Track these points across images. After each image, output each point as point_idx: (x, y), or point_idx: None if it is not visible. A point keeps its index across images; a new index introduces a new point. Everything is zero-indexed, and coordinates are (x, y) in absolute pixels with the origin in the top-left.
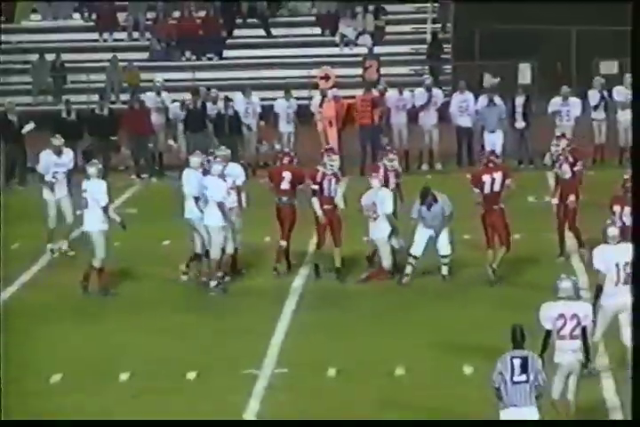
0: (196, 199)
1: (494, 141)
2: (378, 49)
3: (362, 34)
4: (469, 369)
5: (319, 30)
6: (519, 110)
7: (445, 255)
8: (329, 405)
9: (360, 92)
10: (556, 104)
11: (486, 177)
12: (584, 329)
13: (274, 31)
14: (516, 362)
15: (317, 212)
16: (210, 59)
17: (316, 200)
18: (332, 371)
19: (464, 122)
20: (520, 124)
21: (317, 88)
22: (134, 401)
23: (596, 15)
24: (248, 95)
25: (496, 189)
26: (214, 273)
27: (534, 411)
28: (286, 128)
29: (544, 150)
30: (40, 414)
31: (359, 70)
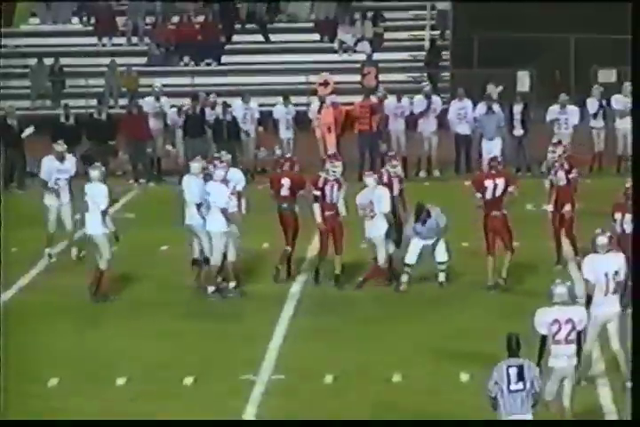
0: (198, 206)
1: (492, 149)
2: (376, 56)
3: (360, 40)
4: (466, 376)
5: (318, 36)
6: (517, 118)
7: (442, 262)
8: (326, 410)
9: (359, 98)
10: (554, 112)
11: (488, 182)
12: (579, 334)
13: (272, 37)
14: (512, 371)
15: (317, 219)
16: (208, 64)
17: (317, 206)
18: (329, 377)
19: (462, 129)
20: (518, 132)
21: (316, 94)
22: (132, 405)
23: (594, 23)
24: (247, 101)
25: (497, 195)
26: (213, 279)
27: (530, 419)
28: (286, 134)
29: (542, 158)
30: (39, 417)
31: (358, 77)
